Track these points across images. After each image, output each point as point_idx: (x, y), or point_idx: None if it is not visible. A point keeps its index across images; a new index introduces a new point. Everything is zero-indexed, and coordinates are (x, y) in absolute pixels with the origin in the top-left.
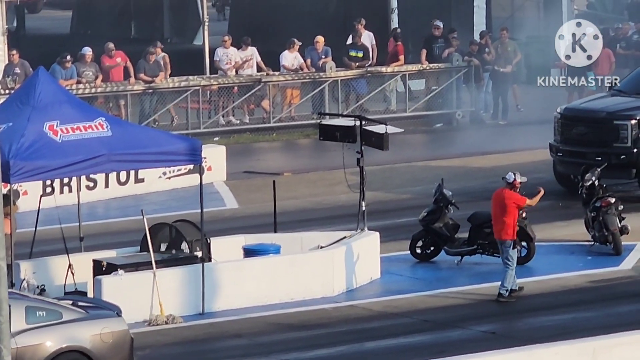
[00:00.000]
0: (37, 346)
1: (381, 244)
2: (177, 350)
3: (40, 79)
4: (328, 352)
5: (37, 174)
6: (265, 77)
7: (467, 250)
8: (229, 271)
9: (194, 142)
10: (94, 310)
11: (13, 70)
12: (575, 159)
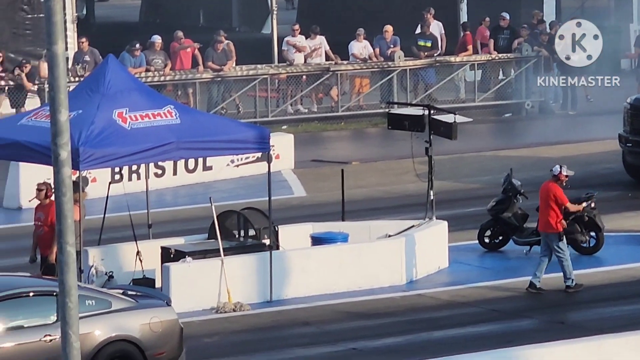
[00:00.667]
0: (86, 335)
1: (449, 233)
2: (244, 338)
3: (110, 67)
4: (396, 340)
5: (106, 161)
6: (333, 66)
7: (536, 239)
8: (297, 259)
9: (262, 130)
10: (144, 299)
11: (82, 58)
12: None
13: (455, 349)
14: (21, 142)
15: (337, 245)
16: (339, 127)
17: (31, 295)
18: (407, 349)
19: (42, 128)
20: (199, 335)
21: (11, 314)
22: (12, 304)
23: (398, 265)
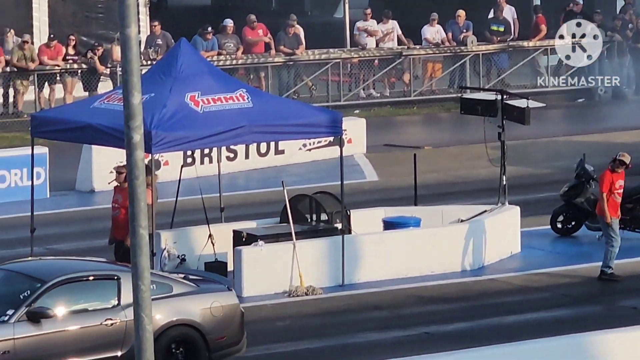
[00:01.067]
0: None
1: (522, 218)
2: (317, 322)
3: (182, 50)
4: (468, 325)
5: (178, 145)
6: (406, 50)
7: None
8: (369, 243)
9: (335, 115)
10: (205, 284)
11: (155, 42)
12: None
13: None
14: (94, 125)
15: (410, 230)
16: (411, 111)
17: (91, 279)
18: (479, 334)
19: (114, 111)
20: (271, 319)
21: (72, 298)
22: (73, 287)
23: (470, 250)
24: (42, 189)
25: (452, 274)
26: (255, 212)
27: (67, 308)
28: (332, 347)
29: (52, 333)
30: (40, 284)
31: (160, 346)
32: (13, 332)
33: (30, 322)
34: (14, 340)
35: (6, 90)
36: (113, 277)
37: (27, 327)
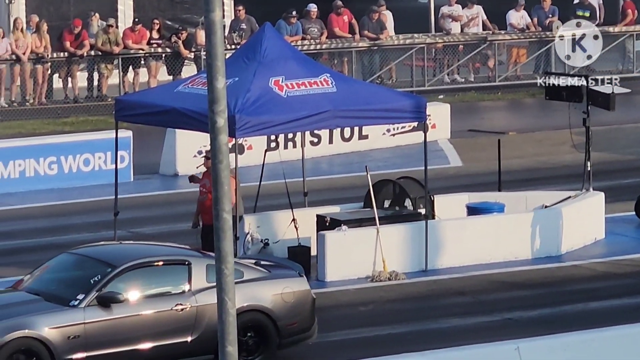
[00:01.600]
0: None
1: (606, 205)
2: (400, 307)
3: (267, 35)
4: (551, 311)
5: (262, 129)
6: (491, 35)
7: None
8: (453, 229)
9: (419, 100)
10: (276, 269)
11: (239, 26)
12: None
13: (611, 320)
14: (178, 108)
15: (493, 216)
16: (495, 97)
17: (162, 264)
18: (562, 320)
19: (198, 95)
20: (354, 304)
21: (142, 283)
22: (143, 272)
23: (554, 236)
24: (125, 173)
25: (535, 259)
26: (338, 196)
27: (138, 293)
28: (415, 332)
29: (122, 318)
30: (111, 269)
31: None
32: (83, 317)
33: (100, 307)
34: (84, 324)
35: (91, 74)
36: (184, 263)
37: (98, 312)
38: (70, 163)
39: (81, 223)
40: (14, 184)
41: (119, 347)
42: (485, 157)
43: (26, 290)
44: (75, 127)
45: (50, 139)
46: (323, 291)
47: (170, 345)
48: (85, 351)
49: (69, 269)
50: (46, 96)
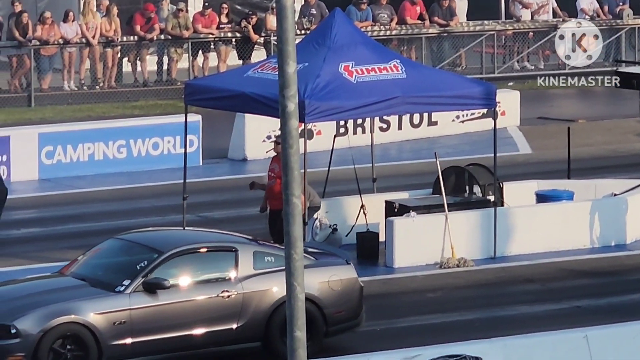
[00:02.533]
0: (265, 292)
1: None
2: (468, 294)
3: (337, 20)
4: (620, 299)
5: (331, 114)
6: (562, 23)
7: None
8: (522, 216)
9: (489, 87)
10: (324, 257)
11: (309, 11)
12: None
13: None
14: (247, 93)
15: (563, 203)
16: (565, 85)
17: (209, 251)
18: (631, 308)
19: (268, 80)
20: (422, 290)
21: (189, 269)
22: (190, 258)
23: (623, 224)
24: (194, 157)
25: (604, 248)
26: (407, 183)
27: (184, 279)
28: (483, 319)
29: (168, 304)
30: (157, 255)
31: (278, 318)
32: (129, 303)
33: (146, 293)
34: (130, 310)
35: (160, 58)
36: (231, 249)
37: (143, 298)
38: (140, 147)
39: (149, 207)
40: (83, 167)
41: (164, 334)
42: (555, 145)
43: (72, 276)
44: (144, 110)
45: (119, 123)
46: (391, 277)
47: (215, 332)
48: (131, 337)
49: (115, 254)
50: (115, 79)
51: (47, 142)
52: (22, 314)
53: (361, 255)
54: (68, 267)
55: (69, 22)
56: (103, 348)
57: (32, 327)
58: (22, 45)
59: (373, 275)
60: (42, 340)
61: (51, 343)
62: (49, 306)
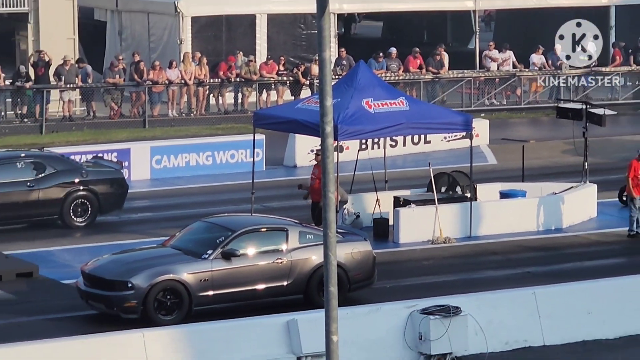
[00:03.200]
0: (306, 260)
1: (598, 193)
2: (451, 262)
3: (360, 69)
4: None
5: (356, 135)
6: (518, 72)
7: None
8: (490, 208)
9: (467, 117)
10: (348, 236)
11: (341, 62)
12: None
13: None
14: (298, 119)
15: (518, 199)
16: (521, 116)
17: (267, 230)
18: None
19: (312, 110)
20: (419, 259)
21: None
22: (255, 235)
23: (561, 214)
24: (260, 164)
25: (547, 230)
26: (409, 184)
27: (250, 250)
28: (462, 280)
29: (238, 268)
30: (231, 233)
31: (315, 279)
32: (211, 266)
33: (223, 259)
34: (212, 272)
35: (236, 94)
36: (283, 229)
37: (221, 263)
38: (221, 157)
39: (228, 199)
40: (181, 171)
41: (235, 288)
42: (513, 158)
43: (171, 247)
44: (224, 131)
45: (207, 140)
46: (397, 250)
47: (271, 287)
48: (212, 290)
49: (202, 232)
50: (204, 109)
51: (156, 153)
52: (136, 273)
53: (376, 234)
54: (168, 241)
55: (172, 68)
56: (192, 298)
57: (142, 283)
58: (139, 85)
59: (384, 249)
60: (150, 292)
61: (156, 294)
62: (154, 268)
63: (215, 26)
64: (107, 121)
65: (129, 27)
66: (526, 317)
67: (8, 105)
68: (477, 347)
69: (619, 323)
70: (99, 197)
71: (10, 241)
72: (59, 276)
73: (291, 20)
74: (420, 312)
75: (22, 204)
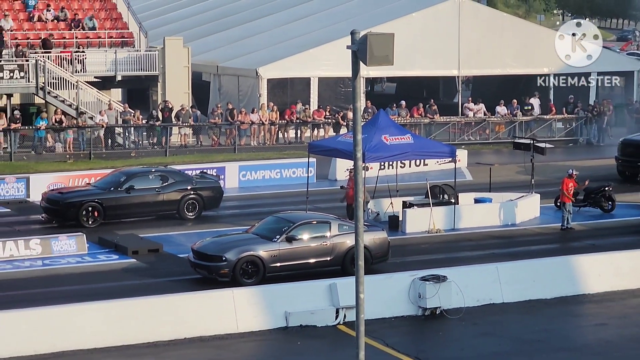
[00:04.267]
0: (343, 243)
1: (541, 200)
2: (441, 246)
3: (381, 115)
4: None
5: (377, 159)
6: (488, 118)
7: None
8: (467, 209)
9: (453, 148)
10: (372, 227)
11: (367, 110)
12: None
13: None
14: (338, 148)
15: (487, 204)
16: (488, 147)
17: (315, 223)
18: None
19: (348, 142)
20: (419, 244)
21: (308, 230)
22: (308, 225)
23: (515, 214)
24: (312, 178)
25: (505, 225)
26: (412, 193)
27: (305, 235)
28: (448, 258)
29: (297, 247)
30: (293, 223)
31: (349, 256)
32: (279, 247)
33: (287, 242)
34: (279, 250)
35: (296, 131)
36: (327, 222)
37: (285, 244)
38: (286, 172)
39: (290, 201)
40: (260, 182)
41: (295, 261)
42: (484, 176)
43: (252, 233)
44: (289, 156)
45: (277, 161)
46: (404, 237)
47: (319, 261)
48: (279, 262)
49: (273, 223)
50: (275, 141)
51: (242, 170)
52: (228, 250)
53: (390, 227)
54: (250, 229)
55: (254, 113)
56: (266, 268)
57: (232, 257)
58: (231, 124)
59: (395, 236)
60: (237, 263)
61: (242, 265)
62: (241, 247)
63: (283, 85)
64: (210, 148)
65: (225, 85)
66: (491, 283)
67: (144, 137)
68: (458, 303)
69: (554, 288)
70: (204, 199)
71: (144, 227)
72: (177, 252)
73: (334, 81)
74: (419, 279)
75: (153, 203)
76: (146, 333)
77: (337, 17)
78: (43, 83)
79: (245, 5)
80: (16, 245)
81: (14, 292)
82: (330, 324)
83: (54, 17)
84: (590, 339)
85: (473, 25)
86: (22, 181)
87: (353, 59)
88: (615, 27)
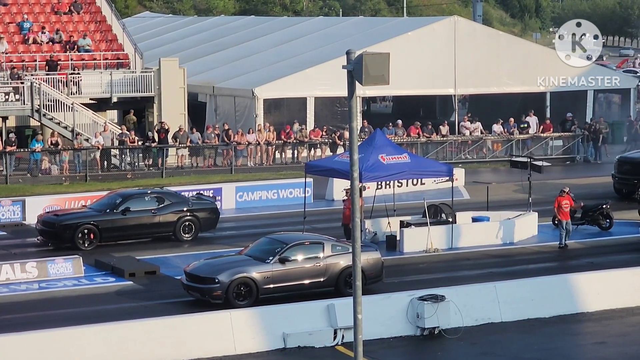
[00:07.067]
0: (336, 263)
1: (538, 218)
2: (439, 265)
3: (377, 134)
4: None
5: (374, 179)
6: (484, 137)
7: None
8: (465, 228)
9: (449, 167)
10: (366, 247)
11: (364, 129)
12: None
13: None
14: (335, 168)
15: (484, 222)
16: (486, 166)
17: (309, 243)
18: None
19: (344, 162)
20: (417, 263)
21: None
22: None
23: (514, 232)
24: (309, 198)
25: (503, 244)
26: (410, 212)
27: (298, 256)
28: (445, 277)
29: (290, 269)
30: (286, 245)
31: (343, 276)
32: (272, 268)
33: (280, 263)
34: (272, 271)
35: (293, 151)
36: (320, 242)
37: (279, 265)
38: (283, 193)
39: (288, 222)
40: (255, 203)
41: (288, 283)
42: (481, 195)
43: (245, 254)
44: (286, 176)
45: (274, 181)
46: (402, 257)
47: (313, 282)
48: (272, 284)
49: (266, 244)
50: (272, 161)
51: (239, 190)
52: (221, 272)
53: (388, 246)
54: (243, 250)
55: (250, 133)
56: (259, 289)
57: (225, 279)
58: (228, 144)
59: (393, 256)
60: (230, 285)
61: (234, 287)
62: (233, 269)
63: (279, 105)
64: (206, 169)
65: (221, 106)
66: (489, 302)
67: (140, 159)
68: (456, 323)
69: (553, 307)
70: (200, 220)
71: (140, 249)
72: (174, 274)
73: (331, 101)
74: (417, 299)
75: (149, 224)
76: (145, 355)
77: (333, 37)
78: (38, 105)
79: (241, 26)
80: (12, 269)
81: (11, 316)
82: (328, 345)
83: (49, 40)
84: (590, 358)
85: (469, 44)
86: (18, 204)
87: (349, 79)
88: (612, 44)
